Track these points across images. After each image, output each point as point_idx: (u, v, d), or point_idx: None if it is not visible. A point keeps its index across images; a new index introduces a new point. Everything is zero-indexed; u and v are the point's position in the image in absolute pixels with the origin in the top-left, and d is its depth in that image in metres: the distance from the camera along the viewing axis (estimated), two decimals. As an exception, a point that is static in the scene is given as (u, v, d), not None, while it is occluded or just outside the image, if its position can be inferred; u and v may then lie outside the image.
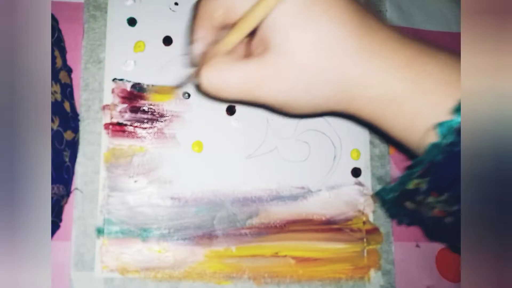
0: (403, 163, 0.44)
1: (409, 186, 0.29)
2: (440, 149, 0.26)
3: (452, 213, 0.29)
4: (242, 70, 0.29)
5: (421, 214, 0.30)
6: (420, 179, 0.28)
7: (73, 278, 0.37)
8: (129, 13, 0.42)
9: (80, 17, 0.41)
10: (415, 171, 0.28)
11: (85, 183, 0.39)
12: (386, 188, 0.31)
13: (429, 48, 0.29)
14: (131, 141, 0.40)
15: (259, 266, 0.40)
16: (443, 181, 0.28)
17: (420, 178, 0.28)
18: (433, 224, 0.30)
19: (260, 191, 0.41)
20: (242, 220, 0.41)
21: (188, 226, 0.40)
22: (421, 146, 0.28)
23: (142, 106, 0.41)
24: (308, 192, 0.42)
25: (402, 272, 0.43)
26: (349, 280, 0.41)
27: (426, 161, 0.27)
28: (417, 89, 0.27)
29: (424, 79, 0.27)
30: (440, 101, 0.27)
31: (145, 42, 0.42)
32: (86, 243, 0.38)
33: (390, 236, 0.43)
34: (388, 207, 0.32)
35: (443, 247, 0.44)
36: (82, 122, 0.40)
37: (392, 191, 0.30)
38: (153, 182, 0.40)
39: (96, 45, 0.41)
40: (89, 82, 0.40)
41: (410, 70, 0.28)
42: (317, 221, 0.42)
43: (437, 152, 0.26)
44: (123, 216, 0.39)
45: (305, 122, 0.43)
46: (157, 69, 0.41)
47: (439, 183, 0.28)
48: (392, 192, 0.30)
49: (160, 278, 0.38)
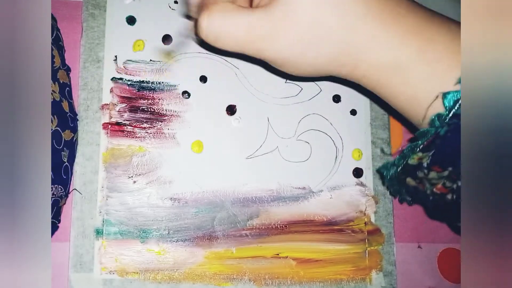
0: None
1: (411, 160, 0.28)
2: (444, 121, 0.25)
3: (454, 190, 0.28)
4: (245, 20, 0.27)
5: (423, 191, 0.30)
6: (423, 153, 0.27)
7: (71, 280, 0.37)
8: (129, 11, 0.42)
9: (78, 16, 0.41)
10: (418, 144, 0.27)
11: (83, 184, 0.38)
12: (388, 163, 0.30)
13: (437, 17, 0.28)
14: (130, 141, 0.40)
15: (260, 267, 0.40)
16: (446, 155, 0.27)
17: (423, 152, 0.27)
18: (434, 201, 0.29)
19: (260, 192, 0.41)
20: (242, 221, 0.40)
21: (188, 227, 0.39)
22: (424, 117, 0.27)
23: (142, 105, 0.40)
24: (309, 193, 0.42)
25: (403, 273, 0.43)
26: (351, 281, 0.41)
27: (430, 134, 0.26)
28: (422, 57, 0.27)
29: (430, 47, 0.27)
30: (446, 71, 0.26)
31: (144, 41, 0.41)
32: (85, 244, 0.38)
33: (391, 237, 0.43)
34: (389, 184, 0.31)
35: (445, 248, 0.44)
36: (80, 122, 0.39)
37: (393, 166, 0.29)
38: (153, 182, 0.40)
39: (95, 44, 0.41)
40: (88, 82, 0.40)
41: (416, 37, 0.27)
42: (318, 222, 0.41)
43: (441, 123, 0.26)
44: (122, 217, 0.38)
45: (306, 122, 0.43)
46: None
47: (442, 157, 0.27)
48: (393, 166, 0.29)
49: (159, 279, 0.38)
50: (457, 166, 0.27)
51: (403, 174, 0.29)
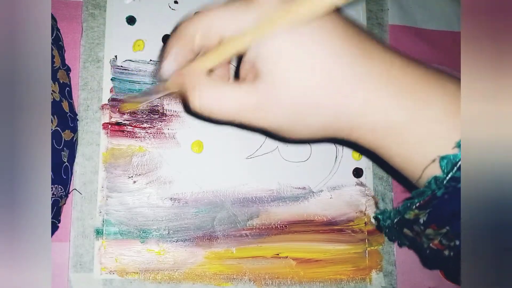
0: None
1: (408, 215, 0.28)
2: (442, 183, 0.25)
3: (451, 248, 0.28)
4: (235, 94, 0.27)
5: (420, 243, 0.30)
6: (420, 210, 0.27)
7: (71, 280, 0.37)
8: (129, 11, 0.42)
9: (78, 16, 0.41)
10: (414, 202, 0.27)
11: (83, 184, 0.38)
12: (385, 214, 0.30)
13: (432, 74, 0.28)
14: (130, 141, 0.40)
15: (260, 267, 0.40)
16: (443, 215, 0.27)
17: (420, 210, 0.27)
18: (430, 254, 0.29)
19: (260, 192, 0.41)
20: (242, 221, 0.40)
21: (188, 227, 0.39)
22: (420, 177, 0.27)
23: (141, 105, 0.40)
24: (309, 193, 0.42)
25: (403, 273, 0.43)
26: (351, 281, 0.41)
27: (427, 194, 0.26)
28: (419, 118, 0.26)
29: (426, 108, 0.26)
30: (444, 132, 0.26)
31: (144, 41, 0.41)
32: (84, 244, 0.38)
33: (391, 237, 0.43)
34: (386, 232, 0.31)
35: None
36: (80, 122, 0.39)
37: (389, 218, 0.29)
38: (153, 182, 0.39)
39: (95, 44, 0.41)
40: (88, 81, 0.40)
41: (411, 97, 0.26)
42: (318, 222, 0.41)
43: (438, 186, 0.25)
44: (122, 217, 0.38)
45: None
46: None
47: (439, 217, 0.27)
48: (389, 219, 0.29)
49: (159, 279, 0.38)
50: (454, 226, 0.26)
51: (400, 225, 0.29)
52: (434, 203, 0.26)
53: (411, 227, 0.29)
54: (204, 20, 0.27)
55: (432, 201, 0.26)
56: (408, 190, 0.28)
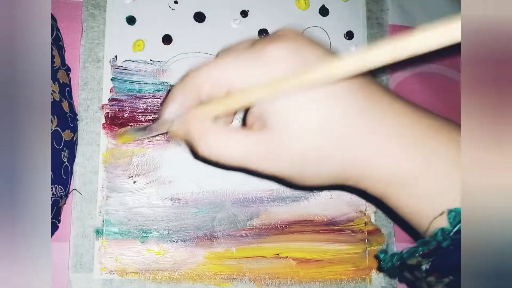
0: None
1: (410, 261, 0.28)
2: (448, 235, 0.25)
3: None
4: (243, 141, 0.27)
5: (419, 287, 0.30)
6: (423, 258, 0.27)
7: (71, 280, 0.37)
8: (129, 11, 0.42)
9: (78, 16, 0.41)
10: (418, 250, 0.27)
11: (83, 184, 0.38)
12: (386, 256, 0.30)
13: (441, 124, 0.27)
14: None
15: (260, 267, 0.40)
16: (446, 265, 0.26)
17: (423, 258, 0.27)
18: None
19: (261, 192, 0.41)
20: (242, 221, 0.40)
21: (188, 227, 0.39)
22: (428, 228, 0.27)
23: (142, 105, 0.40)
24: (309, 193, 0.42)
25: (403, 274, 0.43)
26: (351, 281, 0.41)
27: (432, 244, 0.26)
28: (429, 171, 0.26)
29: (436, 160, 0.26)
30: (453, 186, 0.26)
31: (144, 41, 0.41)
32: (84, 244, 0.38)
33: (392, 237, 0.43)
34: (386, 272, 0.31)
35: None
36: (80, 122, 0.39)
37: (391, 261, 0.29)
38: (153, 182, 0.39)
39: (95, 44, 0.41)
40: (88, 81, 0.40)
41: (421, 149, 0.26)
42: (318, 222, 0.41)
43: (444, 237, 0.25)
44: (122, 217, 0.38)
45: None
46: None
47: (442, 266, 0.27)
48: (391, 262, 0.29)
49: (159, 279, 0.38)
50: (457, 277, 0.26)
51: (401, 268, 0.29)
52: (438, 253, 0.26)
53: (412, 272, 0.29)
54: (212, 71, 0.27)
55: (437, 251, 0.26)
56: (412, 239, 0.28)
